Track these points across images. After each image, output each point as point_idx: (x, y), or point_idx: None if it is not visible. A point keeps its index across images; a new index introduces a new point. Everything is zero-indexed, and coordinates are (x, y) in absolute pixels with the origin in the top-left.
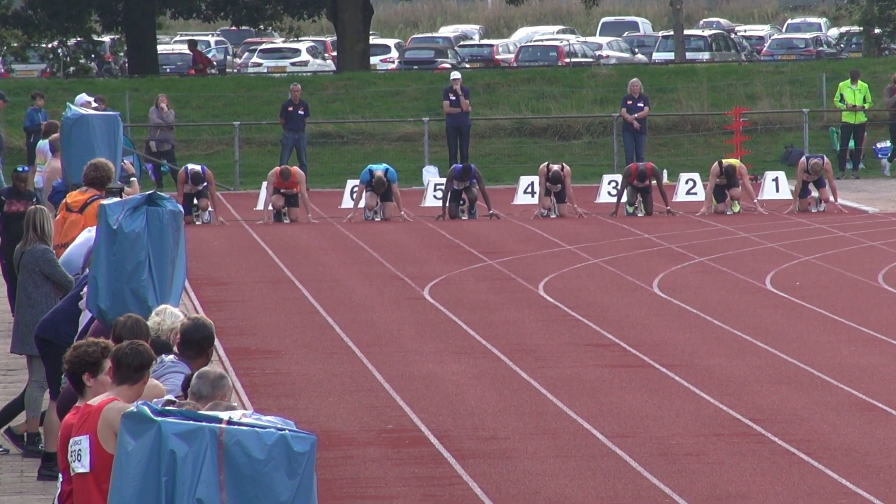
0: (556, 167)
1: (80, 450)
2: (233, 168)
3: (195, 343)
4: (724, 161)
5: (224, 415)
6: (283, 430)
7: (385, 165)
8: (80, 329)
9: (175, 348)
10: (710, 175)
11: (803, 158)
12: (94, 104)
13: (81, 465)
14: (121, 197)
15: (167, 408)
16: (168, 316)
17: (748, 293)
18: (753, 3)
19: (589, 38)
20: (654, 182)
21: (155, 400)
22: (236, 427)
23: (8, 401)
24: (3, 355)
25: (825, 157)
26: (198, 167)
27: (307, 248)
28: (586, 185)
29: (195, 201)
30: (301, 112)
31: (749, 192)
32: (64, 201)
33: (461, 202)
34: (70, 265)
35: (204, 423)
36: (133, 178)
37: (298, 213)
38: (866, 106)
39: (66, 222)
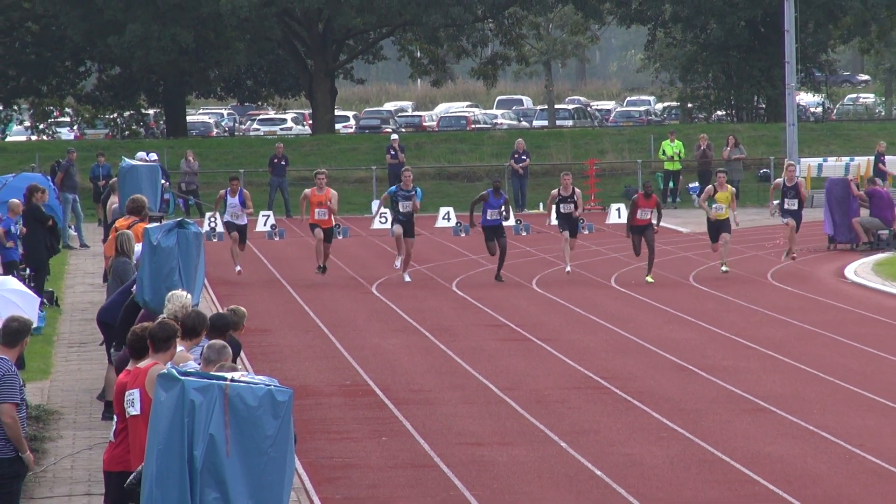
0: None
1: (133, 399)
2: None
3: (217, 329)
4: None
5: (228, 375)
6: (269, 385)
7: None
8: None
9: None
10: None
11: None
12: (154, 156)
13: (134, 410)
14: (160, 223)
15: (187, 369)
16: (175, 299)
17: (599, 288)
18: (603, 86)
19: (488, 111)
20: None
21: (182, 364)
22: (236, 383)
23: (85, 365)
24: (78, 333)
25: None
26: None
27: (291, 258)
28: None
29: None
30: (283, 163)
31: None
32: (114, 226)
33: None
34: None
35: (214, 381)
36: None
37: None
38: (680, 157)
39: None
